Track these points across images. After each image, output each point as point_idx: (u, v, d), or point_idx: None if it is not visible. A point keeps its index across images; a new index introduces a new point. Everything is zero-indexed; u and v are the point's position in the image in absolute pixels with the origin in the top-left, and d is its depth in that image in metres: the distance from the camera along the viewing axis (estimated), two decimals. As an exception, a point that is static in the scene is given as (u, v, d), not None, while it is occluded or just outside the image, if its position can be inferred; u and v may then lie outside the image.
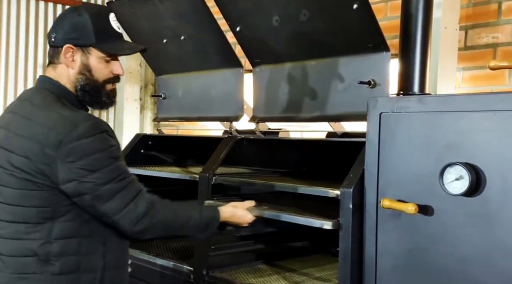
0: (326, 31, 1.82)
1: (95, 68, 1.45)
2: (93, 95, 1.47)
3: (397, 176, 1.43)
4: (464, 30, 2.34)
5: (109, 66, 1.48)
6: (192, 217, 1.54)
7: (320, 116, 1.95)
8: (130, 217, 1.39)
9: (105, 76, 1.47)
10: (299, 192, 1.75)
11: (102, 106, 1.53)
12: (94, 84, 1.46)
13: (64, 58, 1.44)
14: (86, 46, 1.44)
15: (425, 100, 1.40)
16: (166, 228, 1.50)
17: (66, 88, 1.46)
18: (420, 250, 1.38)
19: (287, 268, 2.08)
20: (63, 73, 1.46)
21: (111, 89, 1.51)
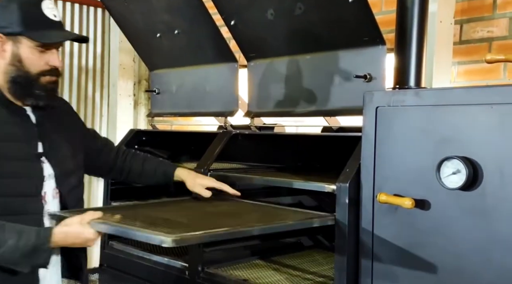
0: (321, 25, 1.80)
1: (27, 58, 1.36)
2: (24, 87, 1.38)
3: (394, 170, 1.43)
4: (459, 24, 2.34)
5: (44, 57, 1.38)
6: (10, 238, 1.28)
7: (315, 111, 1.93)
8: None
9: (39, 68, 1.38)
10: (295, 187, 1.73)
11: (36, 100, 1.40)
12: (26, 76, 1.37)
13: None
14: (14, 34, 1.35)
15: (422, 94, 1.39)
16: None
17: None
18: (417, 244, 1.38)
19: (283, 264, 2.07)
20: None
21: (48, 82, 1.40)
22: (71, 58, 3.71)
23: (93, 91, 3.90)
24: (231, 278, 1.85)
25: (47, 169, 1.45)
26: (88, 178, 3.87)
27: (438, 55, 2.32)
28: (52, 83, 1.42)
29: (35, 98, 1.40)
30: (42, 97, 1.41)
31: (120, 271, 2.29)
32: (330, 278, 1.86)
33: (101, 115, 3.96)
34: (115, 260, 2.31)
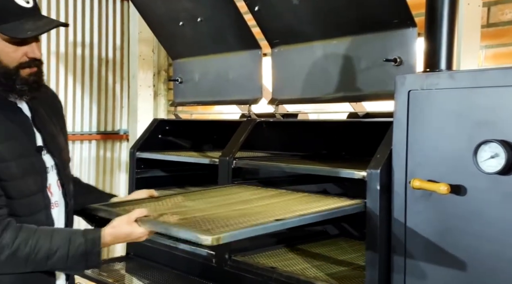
0: (349, 8, 1.76)
1: (2, 52, 1.27)
2: (4, 83, 1.29)
3: (427, 155, 1.39)
4: (487, 7, 2.27)
5: (22, 49, 1.28)
6: (59, 247, 1.26)
7: (343, 97, 1.90)
8: None
9: (16, 61, 1.29)
10: (324, 174, 1.71)
11: (20, 95, 1.32)
12: (4, 71, 1.28)
13: None
14: None
15: (457, 76, 1.35)
16: (18, 267, 1.26)
17: None
18: (452, 231, 1.34)
19: (309, 252, 2.06)
20: None
21: (29, 74, 1.31)
22: (91, 49, 3.73)
23: (113, 82, 3.92)
24: (259, 266, 1.85)
25: (49, 161, 1.40)
26: (110, 167, 3.91)
27: (466, 39, 2.26)
28: (33, 74, 1.32)
29: (17, 93, 1.31)
30: (25, 91, 1.32)
31: (146, 259, 2.30)
32: (358, 266, 1.84)
33: (122, 106, 3.98)
34: (142, 249, 2.33)
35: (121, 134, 3.96)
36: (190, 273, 2.08)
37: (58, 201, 1.42)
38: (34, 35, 1.28)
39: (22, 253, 1.25)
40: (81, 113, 3.70)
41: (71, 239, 1.29)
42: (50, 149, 1.40)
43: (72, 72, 3.65)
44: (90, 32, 3.72)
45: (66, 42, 3.60)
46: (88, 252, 1.29)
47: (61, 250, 1.27)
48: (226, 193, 1.79)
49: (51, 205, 1.39)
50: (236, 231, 1.28)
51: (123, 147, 3.97)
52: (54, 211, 1.40)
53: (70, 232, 1.34)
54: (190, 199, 1.69)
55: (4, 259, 1.24)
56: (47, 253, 1.26)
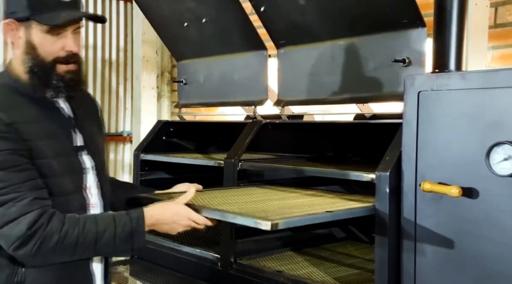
0: (357, 8, 1.74)
1: (40, 44, 1.25)
2: (42, 77, 1.27)
3: (438, 157, 1.36)
4: (494, 7, 2.24)
5: (59, 42, 1.26)
6: (101, 235, 1.25)
7: (350, 98, 1.88)
8: (7, 239, 1.19)
9: (54, 54, 1.26)
10: (332, 177, 1.68)
11: (57, 92, 1.29)
12: (41, 65, 1.26)
13: (10, 37, 1.27)
14: (24, 19, 1.24)
15: (468, 77, 1.32)
16: (66, 254, 1.24)
17: (13, 75, 1.29)
18: (463, 235, 1.32)
19: (316, 255, 2.03)
20: (15, 55, 1.29)
21: (66, 71, 1.28)
22: (94, 51, 3.72)
23: (116, 84, 3.91)
24: (265, 269, 1.82)
25: (88, 162, 1.39)
26: (113, 169, 3.90)
27: (473, 39, 2.23)
28: (71, 72, 1.30)
29: (54, 89, 1.29)
30: (61, 88, 1.29)
31: (150, 262, 2.28)
32: (367, 270, 1.81)
33: (125, 108, 3.97)
34: (146, 252, 2.30)
35: (125, 136, 3.94)
36: (195, 276, 2.05)
37: (96, 202, 1.41)
38: (68, 21, 1.25)
39: (71, 238, 1.23)
40: (85, 115, 3.68)
41: (115, 219, 1.28)
42: (90, 150, 1.40)
43: (75, 73, 3.63)
44: (93, 33, 3.71)
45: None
46: (134, 231, 1.28)
47: (108, 231, 1.26)
48: (253, 192, 1.82)
49: (89, 206, 1.38)
50: (292, 219, 1.34)
51: (126, 149, 3.96)
52: (92, 212, 1.38)
53: (113, 214, 1.33)
54: (224, 194, 1.72)
55: (54, 245, 1.21)
56: (95, 236, 1.25)
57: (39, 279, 1.27)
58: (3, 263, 1.26)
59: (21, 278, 1.25)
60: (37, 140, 1.25)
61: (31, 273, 1.26)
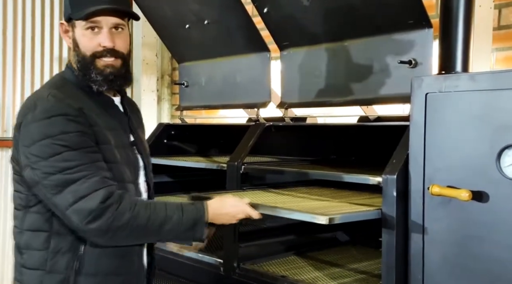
0: (362, 9, 1.72)
1: (81, 41, 1.34)
2: (85, 72, 1.35)
3: (446, 160, 1.34)
4: (498, 9, 2.22)
5: (96, 38, 1.33)
6: (168, 219, 1.30)
7: (354, 100, 1.85)
8: (80, 214, 1.21)
9: (91, 50, 1.34)
10: (338, 180, 1.66)
11: (97, 86, 1.35)
12: (83, 60, 1.34)
13: (64, 37, 1.39)
14: (70, 19, 1.35)
15: (477, 78, 1.30)
16: (135, 234, 1.28)
17: (70, 70, 1.38)
18: (473, 239, 1.29)
19: (320, 260, 2.00)
20: (71, 54, 1.40)
21: (105, 65, 1.34)
22: (95, 53, 3.70)
23: (117, 86, 3.88)
24: (268, 274, 1.79)
25: (140, 160, 1.45)
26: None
27: (477, 41, 2.21)
28: (110, 66, 1.34)
29: (94, 83, 1.35)
30: (100, 82, 1.35)
31: (152, 267, 2.25)
32: (372, 275, 1.78)
33: (126, 110, 3.94)
34: (147, 256, 2.27)
35: (125, 139, 3.91)
36: (197, 281, 2.03)
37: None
38: (95, 10, 1.30)
39: (141, 219, 1.27)
40: (85, 118, 3.66)
41: (183, 206, 1.34)
42: (140, 150, 1.46)
43: (75, 76, 3.61)
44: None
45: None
46: (197, 220, 1.33)
47: (175, 217, 1.31)
48: (259, 196, 1.83)
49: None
50: (346, 214, 1.44)
51: (127, 152, 3.94)
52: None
53: (180, 202, 1.39)
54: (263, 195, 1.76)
55: (126, 223, 1.24)
56: (163, 220, 1.29)
57: (96, 266, 1.31)
58: (64, 248, 1.29)
59: (80, 264, 1.29)
60: (99, 127, 1.31)
61: (90, 259, 1.30)
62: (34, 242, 1.29)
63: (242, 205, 1.43)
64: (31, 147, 1.23)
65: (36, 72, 3.48)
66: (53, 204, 1.24)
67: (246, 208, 1.43)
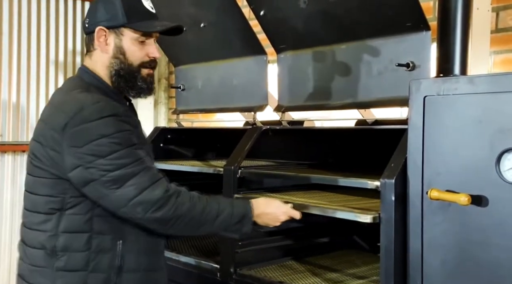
0: (359, 11, 1.70)
1: (129, 50, 1.40)
2: (128, 80, 1.41)
3: (445, 164, 1.32)
4: (495, 12, 2.22)
5: (144, 48, 1.41)
6: (221, 211, 1.40)
7: (352, 103, 1.83)
8: (145, 204, 1.28)
9: (140, 59, 1.41)
10: (336, 184, 1.64)
11: (139, 93, 1.44)
12: (129, 69, 1.40)
13: (98, 43, 1.40)
14: (118, 27, 1.39)
15: (477, 81, 1.28)
16: (192, 223, 1.36)
17: (97, 76, 1.42)
18: (473, 244, 1.27)
19: (317, 265, 1.98)
20: (98, 60, 1.42)
21: (147, 74, 1.43)
22: (91, 57, 3.68)
23: (113, 90, 3.86)
24: (266, 280, 1.77)
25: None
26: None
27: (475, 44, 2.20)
28: (150, 76, 1.44)
29: (138, 90, 1.43)
30: (144, 89, 1.44)
31: (148, 273, 2.22)
32: (371, 280, 1.77)
33: (122, 114, 3.92)
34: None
35: (121, 143, 3.89)
36: (193, 287, 2.00)
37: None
38: (163, 29, 1.43)
39: (198, 209, 1.35)
40: (81, 122, 3.63)
41: (233, 202, 1.48)
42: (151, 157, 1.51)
43: (71, 80, 3.58)
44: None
45: (65, 51, 3.55)
46: (245, 215, 1.43)
47: (226, 211, 1.40)
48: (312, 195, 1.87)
49: None
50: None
51: (123, 156, 3.91)
52: None
53: (231, 199, 1.58)
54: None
55: (186, 211, 1.33)
56: (216, 212, 1.39)
57: (136, 263, 1.37)
58: (106, 248, 1.33)
59: (122, 261, 1.34)
60: (137, 129, 1.40)
61: (130, 257, 1.36)
62: (74, 244, 1.31)
63: (286, 208, 1.54)
64: (84, 147, 1.26)
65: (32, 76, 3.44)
66: (111, 201, 1.28)
67: (290, 210, 1.54)
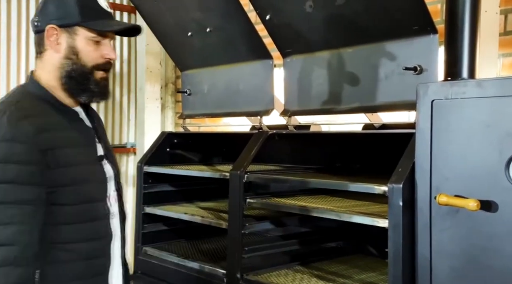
0: (366, 15, 1.69)
1: (83, 50, 1.30)
2: (80, 82, 1.31)
3: (453, 169, 1.30)
4: (504, 14, 2.19)
5: (99, 49, 1.32)
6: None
7: (359, 107, 1.82)
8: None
9: (94, 61, 1.32)
10: (343, 189, 1.62)
11: (91, 97, 1.33)
12: (81, 70, 1.31)
13: (49, 42, 1.30)
14: (71, 25, 1.29)
15: (485, 84, 1.27)
16: None
17: (34, 83, 1.32)
18: (482, 250, 1.25)
19: (325, 270, 1.96)
20: (48, 61, 1.32)
21: (101, 77, 1.34)
22: (98, 62, 3.69)
23: (120, 95, 3.87)
24: (273, 286, 1.76)
25: (109, 171, 1.41)
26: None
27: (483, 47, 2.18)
28: (104, 79, 1.35)
29: (90, 94, 1.33)
30: (96, 93, 1.34)
31: (155, 278, 2.22)
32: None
33: (129, 119, 3.92)
34: (150, 267, 2.24)
35: (128, 148, 3.89)
36: (200, 292, 1.99)
37: (115, 212, 1.41)
38: (119, 29, 1.36)
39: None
40: (88, 126, 3.64)
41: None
42: (109, 159, 1.42)
43: (79, 85, 3.59)
44: (121, 32, 3.67)
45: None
46: None
47: None
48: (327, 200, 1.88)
49: (111, 215, 1.39)
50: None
51: (130, 161, 3.91)
52: (113, 222, 1.39)
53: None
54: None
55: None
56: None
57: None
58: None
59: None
60: (62, 148, 1.26)
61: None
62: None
63: None
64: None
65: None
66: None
67: None
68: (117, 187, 1.43)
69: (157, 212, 2.33)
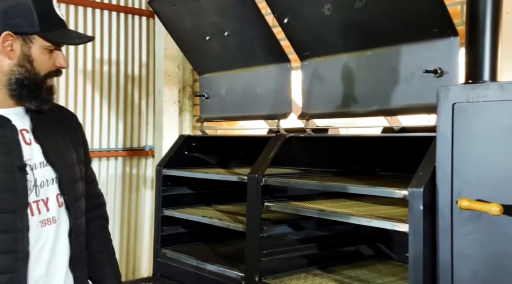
0: (385, 17, 1.68)
1: (38, 59, 1.30)
2: (32, 90, 1.31)
3: (475, 173, 1.28)
4: (526, 15, 2.14)
5: (52, 57, 1.33)
6: None
7: (378, 110, 1.81)
8: None
9: (47, 69, 1.33)
10: (363, 193, 1.61)
11: (40, 104, 1.33)
12: (34, 78, 1.31)
13: (1, 47, 1.27)
14: (29, 34, 1.28)
15: (508, 87, 1.24)
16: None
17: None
18: (505, 255, 1.23)
19: (344, 274, 1.95)
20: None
21: (51, 85, 1.35)
22: (117, 66, 3.74)
23: (139, 99, 3.91)
24: (292, 290, 1.75)
25: (49, 174, 1.35)
26: (136, 184, 3.88)
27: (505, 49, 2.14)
28: (53, 87, 1.37)
29: (40, 101, 1.33)
30: (46, 101, 1.35)
31: (173, 280, 2.23)
32: (399, 291, 1.73)
33: (147, 122, 3.96)
34: (168, 269, 2.26)
35: (147, 151, 3.93)
36: (218, 296, 2.00)
37: (56, 217, 1.35)
38: (80, 43, 1.43)
39: None
40: (108, 130, 3.70)
41: None
42: (52, 162, 1.35)
43: (99, 89, 3.66)
44: (116, 49, 3.73)
45: (93, 60, 3.62)
46: None
47: None
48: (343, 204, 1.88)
49: (46, 221, 1.32)
50: None
51: (148, 164, 3.95)
52: (50, 228, 1.33)
53: None
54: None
55: None
56: None
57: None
58: None
59: None
60: None
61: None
62: None
63: None
64: None
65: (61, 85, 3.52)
66: None
67: None
68: (61, 191, 1.36)
69: (176, 214, 2.34)
